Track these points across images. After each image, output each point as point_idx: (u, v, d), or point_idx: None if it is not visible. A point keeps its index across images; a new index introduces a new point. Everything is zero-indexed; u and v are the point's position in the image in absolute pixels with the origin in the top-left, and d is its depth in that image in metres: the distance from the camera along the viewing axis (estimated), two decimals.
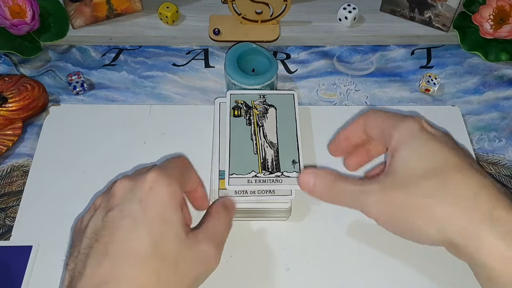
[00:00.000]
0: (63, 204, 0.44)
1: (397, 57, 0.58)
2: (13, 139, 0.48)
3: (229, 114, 0.44)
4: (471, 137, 0.50)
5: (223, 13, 0.59)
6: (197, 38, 0.58)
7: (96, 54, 0.58)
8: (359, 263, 0.41)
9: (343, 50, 0.59)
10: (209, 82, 0.55)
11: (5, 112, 0.49)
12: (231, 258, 0.41)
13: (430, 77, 0.54)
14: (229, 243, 0.37)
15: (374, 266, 0.41)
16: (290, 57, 0.58)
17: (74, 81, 0.53)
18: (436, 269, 0.40)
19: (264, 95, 0.46)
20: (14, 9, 0.54)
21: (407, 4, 0.59)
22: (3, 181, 0.47)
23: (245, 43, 0.51)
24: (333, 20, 0.59)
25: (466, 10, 0.58)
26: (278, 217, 0.43)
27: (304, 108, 0.51)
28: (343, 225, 0.43)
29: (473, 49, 0.57)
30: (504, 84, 0.55)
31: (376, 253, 0.41)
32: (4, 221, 0.44)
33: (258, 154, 0.42)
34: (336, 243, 0.42)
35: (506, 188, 0.34)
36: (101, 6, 0.57)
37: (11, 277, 0.40)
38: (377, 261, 0.41)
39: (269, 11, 0.57)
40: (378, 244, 0.42)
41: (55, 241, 0.42)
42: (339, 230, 0.43)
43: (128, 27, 0.59)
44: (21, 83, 0.51)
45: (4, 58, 0.57)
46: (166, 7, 0.58)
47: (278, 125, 0.44)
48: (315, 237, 0.42)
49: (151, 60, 0.57)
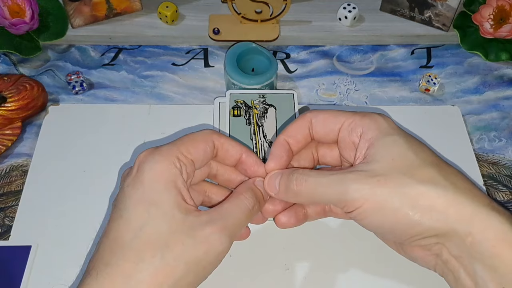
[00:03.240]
0: (62, 204, 0.44)
1: (397, 57, 0.58)
2: (12, 139, 0.48)
3: (229, 114, 0.44)
4: (471, 137, 0.50)
5: (223, 12, 0.59)
6: (196, 38, 0.58)
7: (95, 53, 0.58)
8: (359, 263, 0.41)
9: (343, 49, 0.59)
10: (208, 81, 0.55)
11: (4, 111, 0.49)
12: (231, 258, 0.41)
13: (430, 76, 0.54)
14: None
15: (374, 266, 0.41)
16: (290, 56, 0.58)
17: (74, 81, 0.53)
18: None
19: (263, 95, 0.46)
20: (13, 8, 0.54)
21: (407, 4, 0.59)
22: (2, 181, 0.46)
23: (245, 43, 0.51)
24: (333, 20, 0.59)
25: (466, 9, 0.58)
26: None
27: (304, 108, 0.51)
28: (343, 225, 0.43)
29: (473, 48, 0.57)
30: (504, 84, 0.55)
31: (376, 253, 0.41)
32: (3, 221, 0.44)
33: (258, 154, 0.42)
34: (336, 243, 0.42)
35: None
36: (100, 5, 0.57)
37: (10, 277, 0.39)
38: (377, 261, 0.41)
39: (269, 11, 0.57)
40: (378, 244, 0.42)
41: (54, 241, 0.42)
42: (339, 230, 0.43)
43: (128, 26, 0.59)
44: (20, 82, 0.51)
45: (3, 58, 0.57)
46: (165, 7, 0.58)
47: (277, 125, 0.44)
48: (315, 237, 0.42)
49: (150, 60, 0.57)
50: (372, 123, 0.34)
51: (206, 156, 0.35)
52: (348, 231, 0.43)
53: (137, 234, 0.29)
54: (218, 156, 0.36)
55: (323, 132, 0.36)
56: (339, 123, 0.35)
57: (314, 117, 0.36)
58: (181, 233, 0.30)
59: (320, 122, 0.36)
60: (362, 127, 0.34)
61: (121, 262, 0.29)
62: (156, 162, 0.31)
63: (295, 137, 0.37)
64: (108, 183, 0.45)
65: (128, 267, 0.29)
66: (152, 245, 0.29)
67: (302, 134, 0.37)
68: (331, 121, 0.36)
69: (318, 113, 0.36)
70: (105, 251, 0.30)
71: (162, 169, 0.31)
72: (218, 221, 0.31)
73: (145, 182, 0.31)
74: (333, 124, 0.36)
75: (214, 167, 0.37)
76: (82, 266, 0.40)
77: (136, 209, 0.30)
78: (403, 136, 0.33)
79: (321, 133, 0.36)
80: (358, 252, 0.42)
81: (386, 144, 0.33)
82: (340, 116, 0.36)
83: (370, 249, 0.42)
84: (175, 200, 0.31)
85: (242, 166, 0.37)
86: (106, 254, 0.30)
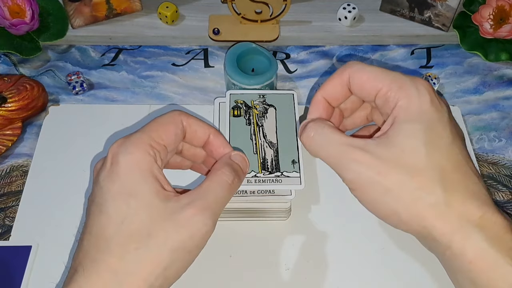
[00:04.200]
0: (62, 204, 0.44)
1: (397, 57, 0.58)
2: (13, 139, 0.48)
3: (229, 114, 0.44)
4: (471, 137, 0.50)
5: (223, 12, 0.59)
6: (196, 38, 0.58)
7: (95, 54, 0.58)
8: (359, 263, 0.41)
9: (343, 50, 0.59)
10: (208, 82, 0.55)
11: (4, 112, 0.49)
12: (231, 258, 0.41)
13: (430, 76, 0.54)
14: (229, 243, 0.37)
15: (374, 266, 0.41)
16: (290, 57, 0.58)
17: (74, 81, 0.53)
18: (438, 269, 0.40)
19: (263, 95, 0.46)
20: (14, 9, 0.54)
21: (407, 4, 0.59)
22: (3, 181, 0.46)
23: (245, 43, 0.51)
24: (332, 20, 0.59)
25: (466, 9, 0.58)
26: (278, 217, 0.43)
27: (304, 108, 0.51)
28: (343, 225, 0.43)
29: (473, 49, 0.57)
30: (504, 84, 0.55)
31: (376, 253, 0.41)
32: (3, 221, 0.44)
33: (258, 154, 0.42)
34: (336, 243, 0.42)
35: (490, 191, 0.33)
36: (100, 5, 0.57)
37: (11, 277, 0.40)
38: (377, 261, 0.41)
39: (269, 11, 0.57)
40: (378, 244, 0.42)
41: (54, 241, 0.42)
42: (339, 230, 0.43)
43: (128, 27, 0.59)
44: (21, 83, 0.51)
45: (4, 58, 0.57)
46: (165, 7, 0.58)
47: (277, 125, 0.44)
48: (315, 237, 0.42)
49: (150, 60, 0.57)
50: (407, 99, 0.31)
51: (177, 139, 0.34)
52: (349, 231, 0.43)
53: (119, 228, 0.29)
54: (186, 137, 0.35)
55: (360, 94, 0.34)
56: (375, 89, 0.33)
57: (352, 76, 0.34)
58: (163, 220, 0.30)
59: (357, 84, 0.34)
60: (395, 101, 0.32)
61: (107, 257, 0.29)
62: (129, 153, 0.31)
63: (332, 94, 0.35)
64: None
65: (114, 261, 0.29)
66: (135, 237, 0.29)
67: (340, 92, 0.35)
68: (369, 85, 0.33)
69: (357, 72, 0.33)
70: (90, 247, 0.30)
71: (137, 159, 0.31)
72: (198, 201, 0.31)
73: (121, 174, 0.30)
74: (370, 88, 0.33)
75: (179, 145, 0.37)
76: None
77: (115, 203, 0.30)
78: (427, 127, 0.31)
79: (359, 94, 0.34)
80: (358, 252, 0.42)
81: (404, 132, 0.31)
82: (378, 82, 0.33)
83: (370, 249, 0.42)
84: (153, 189, 0.30)
85: (209, 147, 0.36)
86: (91, 250, 0.29)
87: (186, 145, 0.37)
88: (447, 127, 0.31)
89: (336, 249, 0.42)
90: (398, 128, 0.31)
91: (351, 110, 0.37)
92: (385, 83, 0.32)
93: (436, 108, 0.31)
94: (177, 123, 0.34)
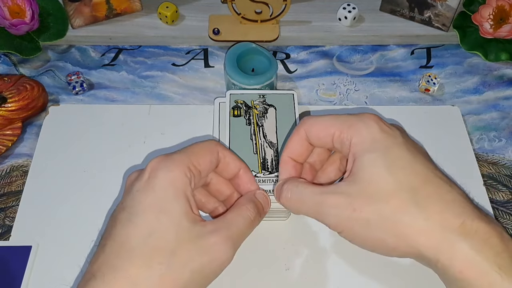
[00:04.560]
0: (62, 204, 0.44)
1: (397, 57, 0.58)
2: (13, 139, 0.48)
3: (229, 114, 0.44)
4: (471, 137, 0.50)
5: (223, 13, 0.59)
6: (196, 38, 0.58)
7: (95, 54, 0.58)
8: (359, 263, 0.41)
9: (343, 50, 0.59)
10: (208, 82, 0.55)
11: (4, 112, 0.49)
12: None
13: (430, 76, 0.54)
14: None
15: (374, 266, 0.41)
16: (290, 57, 0.58)
17: (74, 81, 0.53)
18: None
19: (263, 95, 0.46)
20: (14, 9, 0.54)
21: (407, 4, 0.59)
22: (3, 181, 0.46)
23: (245, 43, 0.51)
24: (332, 20, 0.59)
25: (466, 9, 0.58)
26: (278, 217, 0.43)
27: (304, 108, 0.51)
28: None
29: (473, 49, 0.57)
30: (504, 84, 0.55)
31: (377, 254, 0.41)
32: (3, 221, 0.44)
33: (258, 154, 0.42)
34: (336, 243, 0.42)
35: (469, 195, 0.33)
36: (100, 6, 0.57)
37: (11, 277, 0.40)
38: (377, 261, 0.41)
39: (269, 11, 0.57)
40: None
41: (54, 241, 0.42)
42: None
43: (128, 27, 0.59)
44: (21, 83, 0.51)
45: (4, 58, 0.57)
46: (165, 7, 0.58)
47: (277, 125, 0.44)
48: (315, 237, 0.42)
49: (150, 60, 0.57)
50: (358, 134, 0.34)
51: (212, 167, 0.36)
52: None
53: (146, 240, 0.30)
54: (218, 167, 0.37)
55: (320, 144, 0.37)
56: (330, 135, 0.35)
57: (308, 130, 0.36)
58: (188, 241, 0.31)
59: (314, 136, 0.36)
60: (350, 139, 0.34)
61: (128, 266, 0.29)
62: (169, 171, 0.32)
63: (296, 152, 0.37)
64: (109, 183, 0.45)
65: (135, 272, 0.29)
66: (159, 253, 0.30)
67: (302, 147, 0.37)
68: (323, 133, 0.36)
69: (311, 125, 0.36)
70: (112, 254, 0.30)
71: (174, 178, 0.32)
72: (222, 230, 0.32)
73: (157, 188, 0.31)
74: (325, 136, 0.36)
75: (209, 176, 0.38)
76: (82, 266, 0.40)
77: (146, 215, 0.31)
78: (383, 153, 0.32)
79: (318, 144, 0.37)
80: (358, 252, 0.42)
81: (365, 164, 0.32)
82: (331, 127, 0.35)
83: None
84: (184, 209, 0.31)
85: (237, 181, 0.38)
86: (112, 257, 0.30)
87: (214, 178, 0.38)
88: (403, 148, 0.33)
89: (336, 249, 0.42)
90: (358, 163, 0.33)
91: (320, 162, 0.39)
92: (336, 127, 0.35)
93: (387, 134, 0.33)
94: (213, 152, 0.36)
